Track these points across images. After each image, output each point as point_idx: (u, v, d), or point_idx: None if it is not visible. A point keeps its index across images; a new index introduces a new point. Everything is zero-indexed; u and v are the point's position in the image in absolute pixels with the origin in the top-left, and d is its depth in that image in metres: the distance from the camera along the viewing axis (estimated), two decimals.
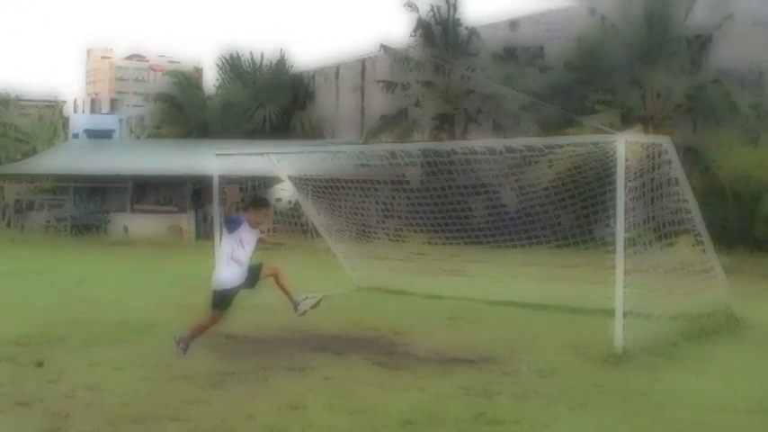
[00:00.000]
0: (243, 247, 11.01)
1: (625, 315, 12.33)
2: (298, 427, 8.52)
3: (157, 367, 11.36)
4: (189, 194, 39.20)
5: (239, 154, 19.51)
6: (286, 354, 12.38)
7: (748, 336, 14.02)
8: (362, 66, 45.09)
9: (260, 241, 11.62)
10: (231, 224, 11.01)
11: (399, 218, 25.18)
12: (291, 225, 24.48)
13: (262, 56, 48.98)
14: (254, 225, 11.15)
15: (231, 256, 10.97)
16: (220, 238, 18.03)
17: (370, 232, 24.48)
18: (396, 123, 38.05)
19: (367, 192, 24.67)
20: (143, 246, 33.52)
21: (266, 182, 18.73)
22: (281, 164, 19.95)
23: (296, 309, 11.69)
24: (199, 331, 11.29)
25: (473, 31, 37.36)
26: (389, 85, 39.30)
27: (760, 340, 13.69)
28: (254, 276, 11.30)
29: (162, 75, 58.47)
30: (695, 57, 33.47)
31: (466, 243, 21.36)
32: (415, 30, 37.94)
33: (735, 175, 29.23)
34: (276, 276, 11.58)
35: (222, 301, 11.09)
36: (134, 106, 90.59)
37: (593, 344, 12.69)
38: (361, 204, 25.01)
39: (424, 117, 37.63)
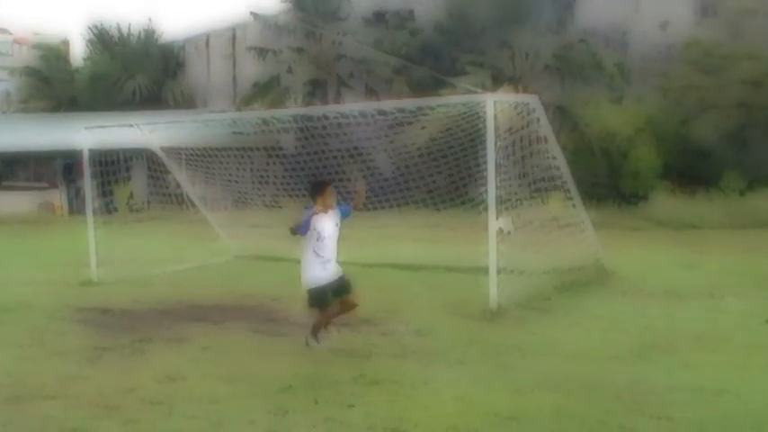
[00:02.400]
0: (323, 240, 10.33)
1: (499, 272, 12.53)
2: (177, 397, 8.46)
3: (32, 346, 11.14)
4: (60, 170, 38.27)
5: (109, 126, 19.03)
6: (164, 326, 12.24)
7: (617, 287, 14.43)
8: (233, 33, 44.56)
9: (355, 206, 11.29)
10: (301, 228, 10.31)
11: (275, 185, 25.03)
12: (166, 196, 24.19)
13: (129, 27, 47.95)
14: (327, 207, 10.42)
15: (316, 255, 10.33)
16: (93, 213, 17.85)
17: (246, 200, 24.31)
18: (268, 90, 37.79)
19: (242, 160, 24.48)
20: (13, 224, 32.54)
21: None
22: (152, 135, 19.65)
23: (308, 335, 10.56)
24: (320, 325, 10.60)
25: None
26: (261, 53, 38.96)
27: (627, 290, 14.11)
28: (342, 289, 10.47)
29: (27, 48, 56.48)
30: (561, 17, 34.08)
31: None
32: None
33: (602, 132, 29.87)
34: (346, 309, 10.56)
35: (318, 299, 10.39)
36: None
37: (469, 302, 12.90)
38: (237, 173, 24.81)
39: (296, 83, 37.48)
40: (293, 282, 16.01)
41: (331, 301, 10.37)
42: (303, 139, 22.76)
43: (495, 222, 13.56)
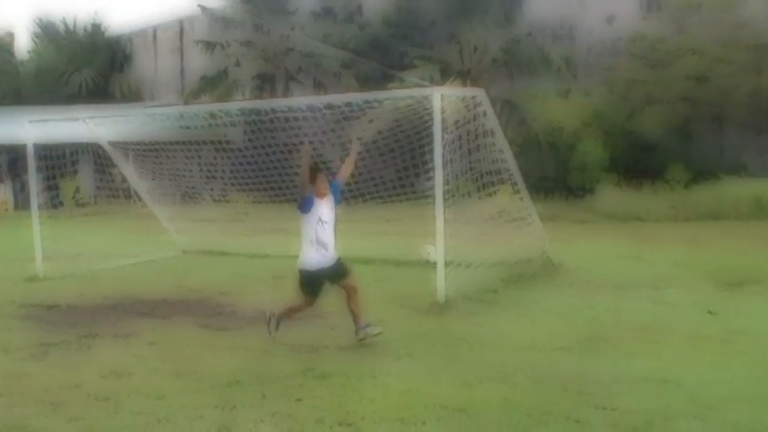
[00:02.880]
0: (324, 226, 10.30)
1: (447, 265, 12.60)
2: (124, 393, 8.39)
3: None
4: (4, 164, 37.78)
5: (54, 120, 18.84)
6: (110, 321, 12.14)
7: (563, 279, 14.55)
8: (181, 27, 44.17)
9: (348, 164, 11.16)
10: (305, 204, 10.30)
11: (223, 179, 24.96)
12: (113, 190, 23.97)
13: (75, 20, 47.36)
14: (322, 194, 10.38)
15: (316, 239, 10.27)
16: (38, 208, 17.65)
17: (194, 194, 24.19)
18: (216, 84, 37.60)
19: (190, 154, 24.35)
20: None
21: None
22: (99, 129, 19.46)
23: (357, 332, 10.27)
24: (289, 313, 10.71)
25: None
26: (209, 46, 38.76)
27: (574, 282, 14.24)
28: (339, 273, 10.43)
29: None
30: (510, 12, 34.30)
31: (290, 201, 21.31)
32: None
33: (549, 126, 30.12)
34: (350, 293, 10.42)
35: (309, 283, 10.41)
36: None
37: (418, 294, 12.93)
38: (185, 167, 24.65)
39: (244, 77, 37.34)
40: (241, 276, 16.12)
41: (322, 289, 10.48)
42: (251, 132, 22.67)
43: (426, 248, 14.18)
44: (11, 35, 52.08)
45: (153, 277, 16.37)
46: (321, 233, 10.26)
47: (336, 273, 10.40)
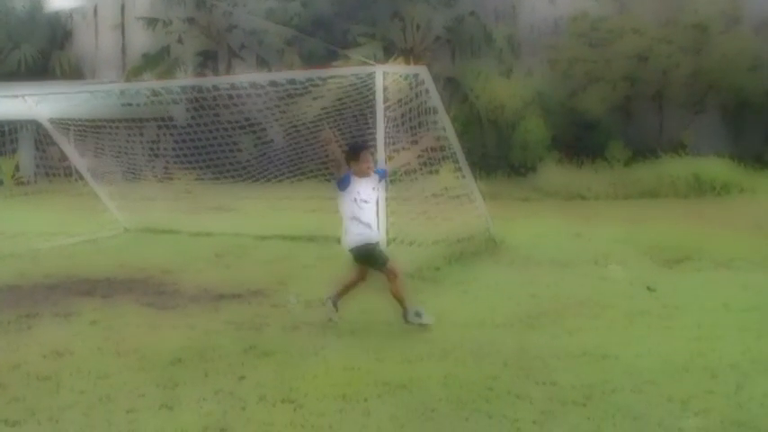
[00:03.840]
0: (363, 206, 9.81)
1: (389, 242, 12.60)
2: (65, 372, 8.30)
3: None
4: None
5: None
6: (51, 300, 11.98)
7: (505, 256, 14.65)
8: (122, 2, 43.60)
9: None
10: (340, 182, 9.90)
11: (166, 157, 24.79)
12: (53, 169, 23.69)
13: None
14: (362, 174, 9.90)
15: (355, 217, 9.82)
16: None
17: (137, 172, 23.99)
18: (158, 61, 37.28)
19: (132, 132, 24.19)
20: None
21: None
22: (39, 107, 19.20)
23: (406, 316, 9.76)
24: (344, 291, 10.22)
25: None
26: (150, 22, 38.35)
27: (515, 260, 14.35)
28: (377, 259, 9.91)
29: None
30: None
31: (234, 179, 21.29)
32: None
33: (492, 104, 30.24)
34: (393, 278, 9.83)
35: (366, 254, 9.92)
36: None
37: None
38: (127, 145, 24.46)
39: (186, 54, 37.07)
40: (184, 254, 16.03)
41: (387, 255, 10.09)
42: (194, 110, 22.59)
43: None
44: None
45: (95, 256, 16.21)
46: (359, 212, 9.82)
47: (374, 259, 9.98)
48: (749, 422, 6.67)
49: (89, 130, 21.66)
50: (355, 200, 9.79)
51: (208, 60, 37.40)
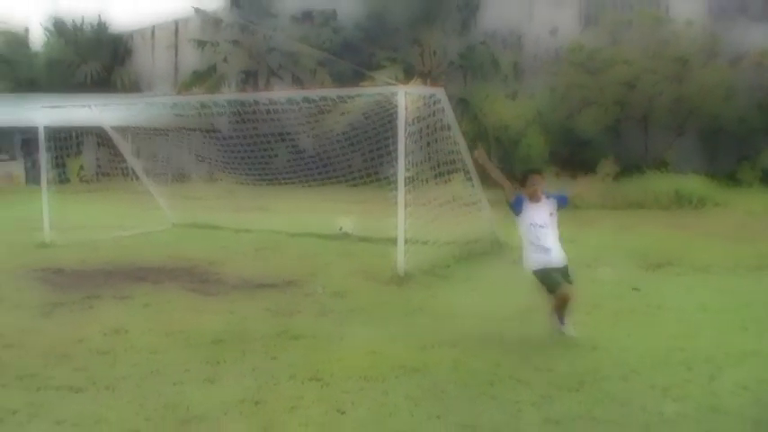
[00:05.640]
0: (538, 231, 8.87)
1: (406, 242, 12.61)
2: (121, 348, 8.35)
3: None
4: (18, 144, 37.41)
5: (64, 106, 18.67)
6: (109, 284, 12.03)
7: (509, 257, 14.47)
8: (176, 26, 43.80)
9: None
10: (513, 206, 9.05)
11: (210, 161, 24.83)
12: (113, 169, 23.77)
13: (83, 18, 46.81)
14: (532, 198, 8.94)
15: (532, 242, 8.90)
16: (47, 183, 17.51)
17: (185, 174, 24.03)
18: (206, 78, 37.41)
19: (181, 139, 24.24)
20: None
21: None
22: (103, 115, 19.31)
23: (558, 324, 8.84)
24: (559, 310, 8.87)
25: None
26: (200, 44, 38.50)
27: (518, 260, 14.09)
28: (551, 285, 8.77)
29: None
30: (466, 20, 34.50)
31: (270, 183, 21.31)
32: None
33: (498, 122, 30.21)
34: (562, 300, 8.75)
35: (545, 279, 8.83)
36: None
37: (380, 268, 12.94)
38: (177, 150, 24.51)
39: (231, 72, 37.16)
40: (226, 248, 16.04)
41: (560, 280, 8.77)
42: (236, 122, 22.57)
43: (342, 222, 14.85)
44: (26, 30, 51.36)
45: (147, 247, 16.23)
46: (535, 237, 8.91)
47: (562, 275, 8.91)
48: (721, 408, 6.64)
49: (144, 136, 21.75)
50: (531, 225, 8.92)
51: (249, 78, 37.47)
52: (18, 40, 48.98)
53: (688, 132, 30.19)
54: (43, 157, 18.00)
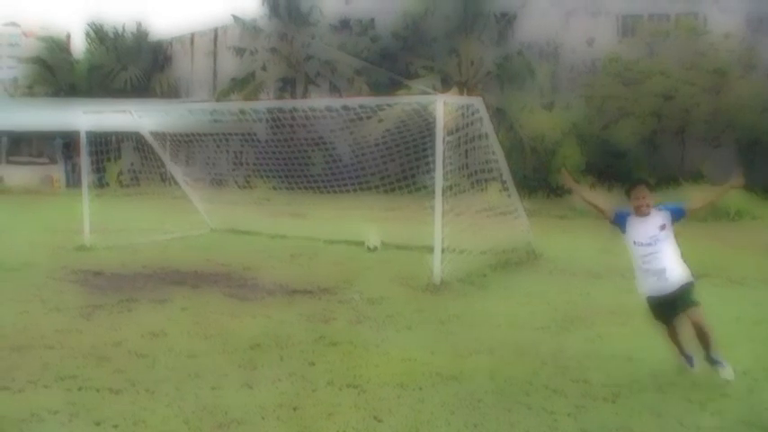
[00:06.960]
0: (641, 251, 7.87)
1: (442, 250, 12.57)
2: (159, 351, 8.39)
3: (33, 302, 10.99)
4: (59, 148, 37.87)
5: (104, 111, 18.89)
6: (148, 288, 12.12)
7: (544, 267, 14.49)
8: (215, 34, 44.08)
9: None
10: (617, 224, 8.24)
11: (248, 167, 24.98)
12: (151, 174, 23.99)
13: (123, 25, 47.38)
14: (640, 212, 7.96)
15: (638, 266, 7.94)
16: (87, 187, 17.69)
17: (222, 180, 24.18)
18: (244, 85, 37.50)
19: (219, 144, 24.44)
20: (17, 194, 32.18)
21: None
22: (142, 120, 19.47)
23: (709, 360, 7.66)
24: (677, 346, 7.95)
25: (313, 4, 36.96)
26: (239, 51, 38.64)
27: (553, 270, 14.18)
28: (682, 301, 7.68)
29: (34, 40, 55.39)
30: (503, 31, 34.48)
31: (306, 189, 21.37)
32: (263, 1, 37.41)
33: (533, 133, 30.08)
34: (696, 329, 7.58)
35: (652, 310, 8.02)
36: (8, 68, 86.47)
37: (416, 275, 12.89)
38: (215, 155, 24.70)
39: (269, 79, 37.28)
40: (262, 253, 16.09)
41: (671, 314, 7.79)
42: (274, 128, 22.67)
43: (366, 238, 14.95)
44: (68, 36, 52.12)
45: (185, 251, 16.33)
46: (640, 258, 7.92)
47: (679, 300, 7.72)
48: (759, 423, 6.55)
49: (183, 141, 21.91)
50: (634, 243, 7.96)
51: (287, 85, 37.56)
52: (60, 47, 49.69)
53: (725, 144, 29.87)
54: (84, 161, 18.20)
